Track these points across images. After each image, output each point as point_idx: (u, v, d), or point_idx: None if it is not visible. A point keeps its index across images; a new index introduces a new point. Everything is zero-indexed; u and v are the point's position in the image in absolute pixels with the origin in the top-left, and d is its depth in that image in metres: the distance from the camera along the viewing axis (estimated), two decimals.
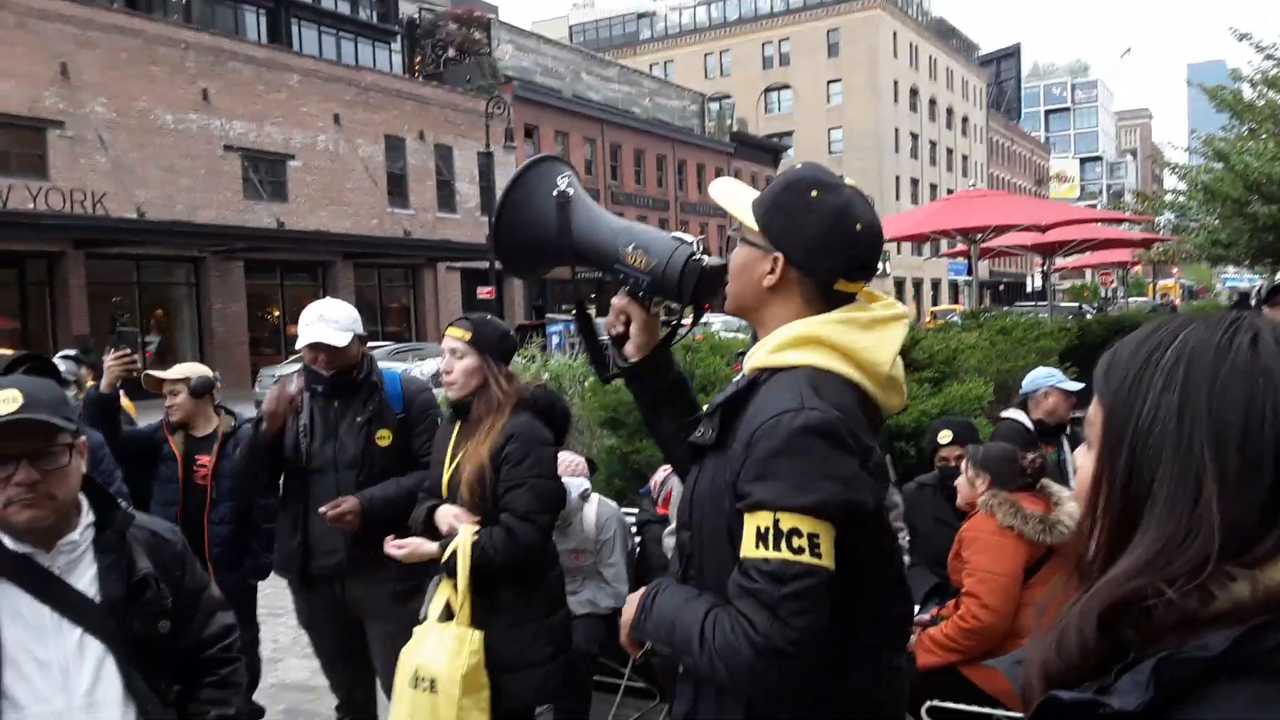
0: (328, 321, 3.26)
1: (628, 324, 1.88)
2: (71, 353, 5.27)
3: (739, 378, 1.67)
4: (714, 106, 49.08)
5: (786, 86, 57.04)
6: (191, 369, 4.35)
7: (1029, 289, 52.12)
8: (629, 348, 1.89)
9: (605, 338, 1.98)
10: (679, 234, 1.84)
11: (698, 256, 1.76)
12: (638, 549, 4.32)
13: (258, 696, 4.79)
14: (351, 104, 28.19)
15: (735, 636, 1.48)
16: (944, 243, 13.56)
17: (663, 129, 42.26)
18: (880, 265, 1.85)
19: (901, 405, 1.73)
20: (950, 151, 67.77)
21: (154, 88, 23.05)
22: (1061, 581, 0.91)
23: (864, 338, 1.61)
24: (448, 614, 2.81)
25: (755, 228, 1.67)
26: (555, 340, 17.38)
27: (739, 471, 1.53)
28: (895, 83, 59.05)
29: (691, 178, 43.50)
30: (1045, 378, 4.88)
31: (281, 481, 3.46)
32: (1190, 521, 0.80)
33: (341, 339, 3.25)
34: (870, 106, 56.79)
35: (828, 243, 1.62)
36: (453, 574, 2.77)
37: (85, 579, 1.85)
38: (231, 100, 24.77)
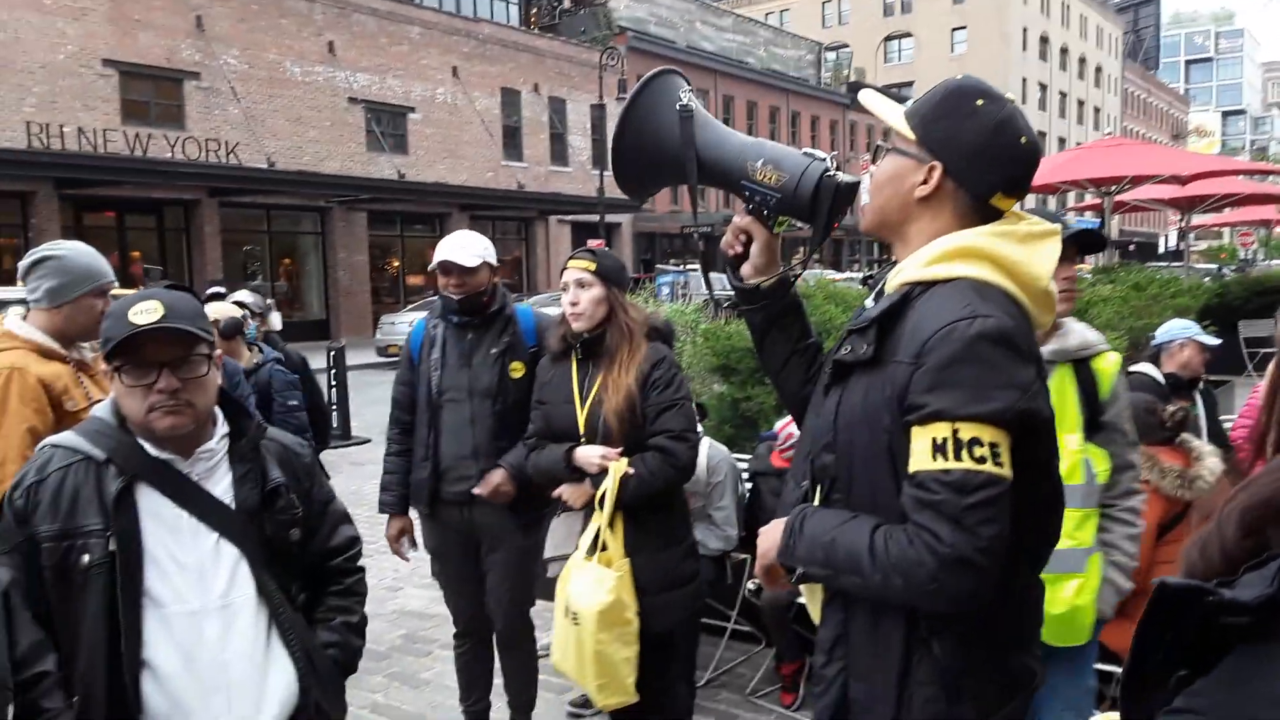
0: (460, 245, 3.35)
1: (746, 245, 1.85)
2: (255, 284, 5.75)
3: (889, 294, 1.61)
4: (830, 56, 47.83)
5: (908, 35, 55.11)
6: (221, 310, 4.60)
7: (1161, 249, 49.58)
8: (747, 269, 1.86)
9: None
10: (810, 150, 1.75)
11: (832, 172, 1.71)
12: (748, 495, 4.34)
13: (381, 623, 5.03)
14: (469, 57, 28.53)
15: (916, 550, 1.46)
16: (1071, 197, 12.97)
17: (777, 79, 41.44)
18: None
19: (1052, 324, 1.73)
20: (1081, 103, 64.55)
21: (283, 40, 23.76)
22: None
23: (1021, 251, 1.58)
24: (597, 547, 2.85)
25: (911, 136, 1.62)
26: (664, 291, 17.43)
27: (906, 385, 1.50)
28: (1024, 30, 56.40)
29: (805, 130, 42.62)
30: (1182, 329, 4.66)
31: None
32: None
33: (471, 260, 3.31)
34: (997, 55, 54.42)
35: (989, 154, 1.58)
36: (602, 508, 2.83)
37: (221, 486, 1.92)
38: (356, 53, 25.37)
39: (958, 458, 1.45)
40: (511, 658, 3.61)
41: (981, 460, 1.44)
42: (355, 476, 8.57)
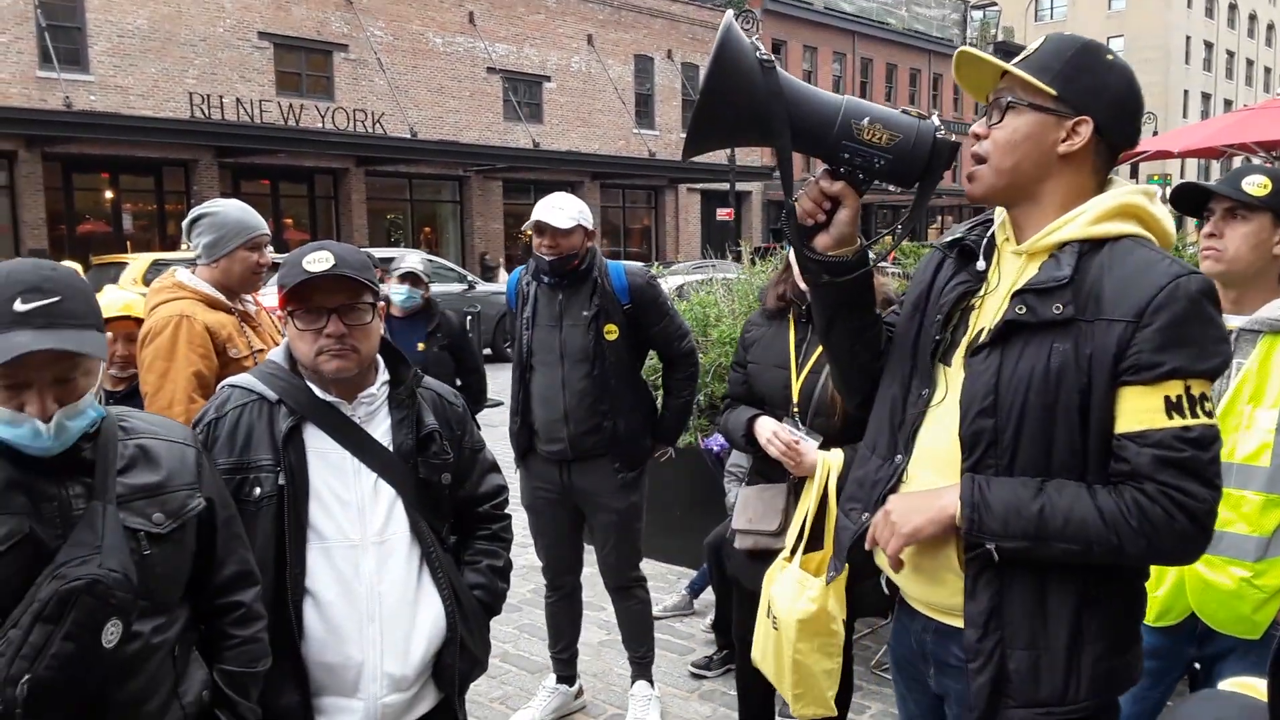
0: (555, 207, 3.37)
1: (830, 213, 1.67)
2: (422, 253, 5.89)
3: (1060, 254, 1.59)
4: (977, 15, 45.87)
5: None
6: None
7: None
8: (827, 239, 1.67)
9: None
10: (906, 108, 1.65)
11: (944, 133, 1.62)
12: None
13: (511, 576, 5.20)
14: (604, 24, 28.65)
15: (1163, 508, 1.48)
16: (1237, 162, 12.13)
17: (919, 40, 40.06)
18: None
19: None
20: (1250, 63, 60.05)
21: (425, 11, 24.39)
22: None
23: (1160, 210, 1.62)
24: (801, 543, 2.60)
25: (1052, 91, 1.59)
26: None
27: (1124, 343, 1.50)
28: None
29: (947, 94, 41.13)
30: None
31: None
32: None
33: (565, 222, 3.32)
34: (1158, 11, 51.10)
35: (1130, 106, 1.62)
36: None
37: (381, 430, 2.02)
38: (494, 23, 25.83)
39: (1194, 414, 1.49)
40: (624, 612, 3.70)
41: (1211, 415, 1.51)
42: (489, 437, 8.83)
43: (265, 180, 22.81)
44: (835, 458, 2.59)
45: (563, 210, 3.35)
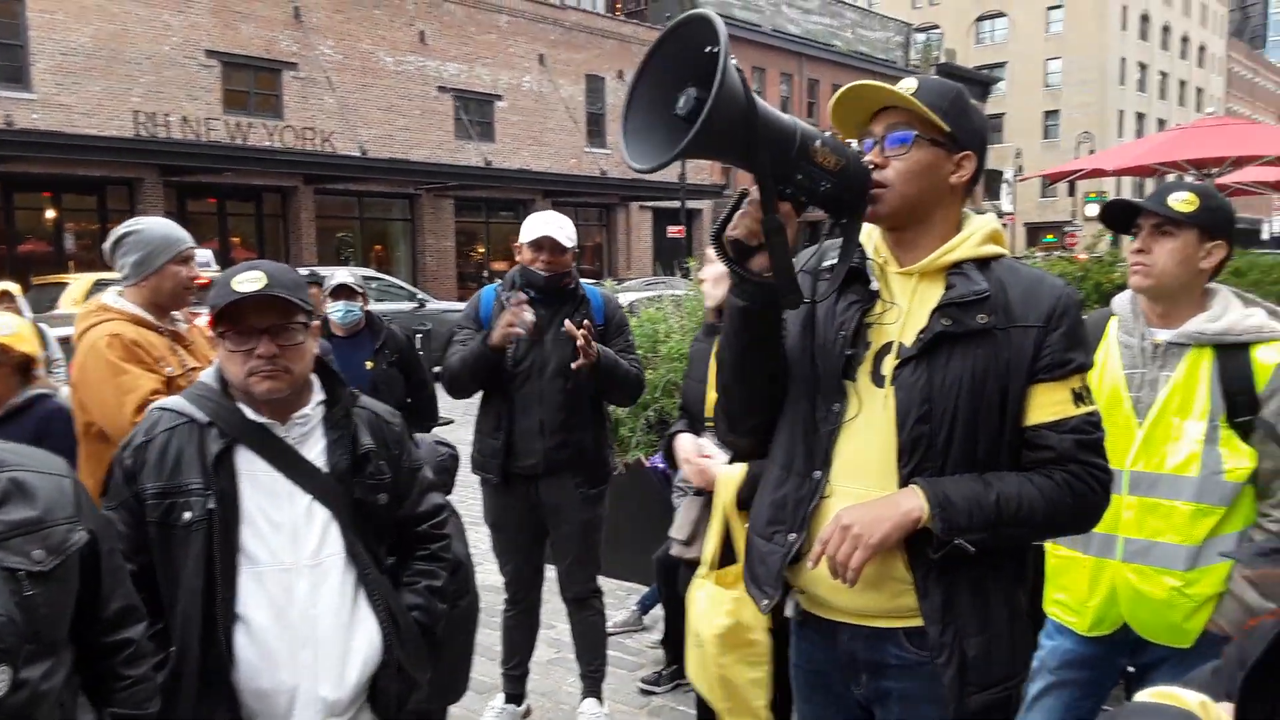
0: (558, 225, 3.45)
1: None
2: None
3: (965, 270, 1.75)
4: (920, 38, 46.76)
5: (1001, 14, 53.49)
6: None
7: (1265, 235, 47.32)
8: (764, 261, 1.62)
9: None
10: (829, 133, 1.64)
11: (870, 162, 1.71)
12: None
13: None
14: (556, 44, 28.72)
15: (1088, 484, 1.71)
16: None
17: (864, 62, 40.67)
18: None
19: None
20: (1183, 84, 61.83)
21: (376, 30, 24.25)
22: None
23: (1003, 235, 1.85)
24: (714, 559, 2.61)
25: (946, 128, 1.73)
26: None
27: (1038, 345, 1.70)
28: (1124, 8, 54.23)
29: None
30: None
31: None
32: None
33: (566, 241, 3.44)
34: (1095, 34, 52.51)
35: (987, 145, 1.83)
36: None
37: (315, 451, 2.00)
38: (445, 42, 25.76)
39: (1090, 401, 1.74)
40: (580, 624, 3.73)
41: (1094, 401, 1.77)
42: None
43: (212, 199, 22.47)
44: (735, 472, 2.60)
45: (563, 230, 3.45)
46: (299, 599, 1.94)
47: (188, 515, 1.89)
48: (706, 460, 2.72)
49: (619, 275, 26.94)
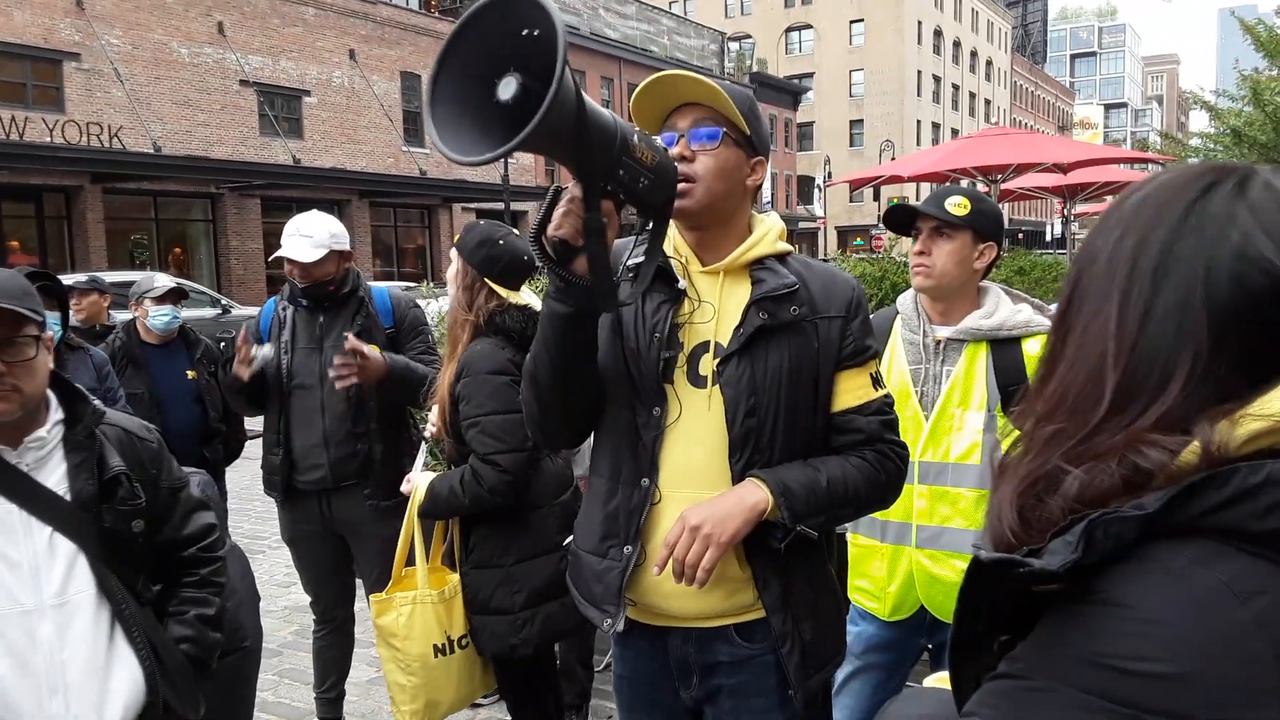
0: (302, 236, 3.24)
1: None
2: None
3: (769, 265, 1.80)
4: (734, 46, 48.26)
5: (808, 26, 55.92)
6: None
7: (1049, 237, 51.57)
8: (584, 264, 1.55)
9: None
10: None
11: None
12: None
13: (272, 619, 4.91)
14: (367, 39, 27.87)
15: (894, 461, 1.80)
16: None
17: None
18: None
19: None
20: (973, 96, 66.58)
21: (169, 20, 22.82)
22: None
23: None
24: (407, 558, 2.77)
25: (747, 130, 1.76)
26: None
27: (841, 334, 1.78)
28: (919, 23, 57.86)
29: None
30: None
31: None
32: (1091, 372, 0.76)
33: (311, 255, 3.22)
34: (893, 48, 55.72)
35: (769, 149, 1.88)
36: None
37: (55, 477, 1.82)
38: (247, 34, 24.52)
39: (884, 385, 1.85)
40: None
41: None
42: (247, 472, 8.31)
43: None
44: (422, 484, 2.66)
45: (309, 239, 3.23)
46: (44, 643, 1.75)
47: None
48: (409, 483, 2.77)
49: (441, 279, 26.42)
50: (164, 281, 4.61)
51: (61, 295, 3.79)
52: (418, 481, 2.68)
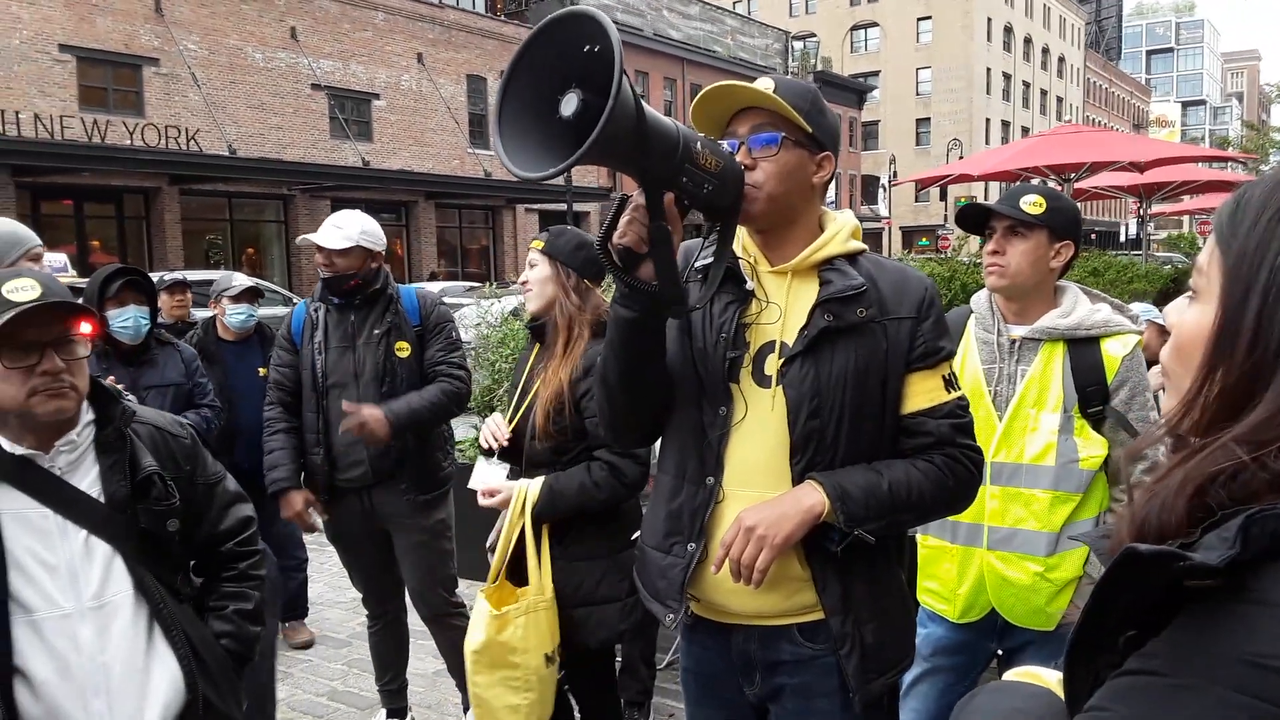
0: (334, 227, 3.35)
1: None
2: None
3: (838, 266, 1.78)
4: (798, 45, 47.91)
5: (874, 24, 55.25)
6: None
7: (1123, 238, 50.22)
8: (650, 270, 1.58)
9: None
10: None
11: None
12: None
13: (340, 610, 5.00)
14: (435, 43, 28.28)
15: (965, 466, 1.77)
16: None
17: (745, 68, 41.40)
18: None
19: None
20: (1044, 93, 65.16)
21: (244, 25, 23.41)
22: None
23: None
24: (501, 571, 2.58)
25: (809, 129, 1.73)
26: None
27: (911, 335, 1.75)
28: (989, 20, 56.81)
29: None
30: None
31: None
32: None
33: (335, 242, 3.30)
34: (961, 45, 54.81)
35: (839, 140, 1.86)
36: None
37: (88, 479, 1.81)
38: (318, 39, 25.05)
39: (958, 387, 1.81)
40: (445, 643, 3.60)
41: None
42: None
43: (68, 200, 21.28)
44: (533, 487, 2.55)
45: (340, 230, 3.33)
46: (85, 646, 1.76)
47: None
48: (495, 495, 2.62)
49: (505, 279, 26.68)
50: (241, 280, 4.73)
51: (151, 291, 3.90)
52: (522, 485, 2.57)
